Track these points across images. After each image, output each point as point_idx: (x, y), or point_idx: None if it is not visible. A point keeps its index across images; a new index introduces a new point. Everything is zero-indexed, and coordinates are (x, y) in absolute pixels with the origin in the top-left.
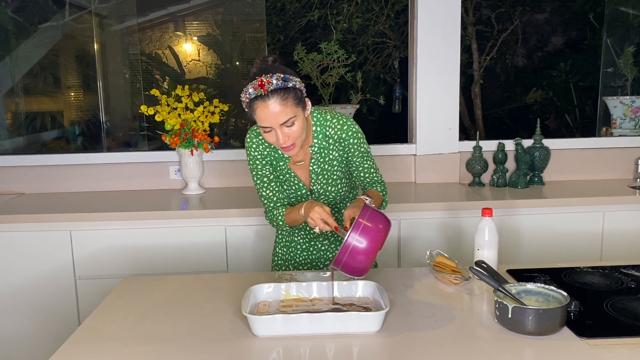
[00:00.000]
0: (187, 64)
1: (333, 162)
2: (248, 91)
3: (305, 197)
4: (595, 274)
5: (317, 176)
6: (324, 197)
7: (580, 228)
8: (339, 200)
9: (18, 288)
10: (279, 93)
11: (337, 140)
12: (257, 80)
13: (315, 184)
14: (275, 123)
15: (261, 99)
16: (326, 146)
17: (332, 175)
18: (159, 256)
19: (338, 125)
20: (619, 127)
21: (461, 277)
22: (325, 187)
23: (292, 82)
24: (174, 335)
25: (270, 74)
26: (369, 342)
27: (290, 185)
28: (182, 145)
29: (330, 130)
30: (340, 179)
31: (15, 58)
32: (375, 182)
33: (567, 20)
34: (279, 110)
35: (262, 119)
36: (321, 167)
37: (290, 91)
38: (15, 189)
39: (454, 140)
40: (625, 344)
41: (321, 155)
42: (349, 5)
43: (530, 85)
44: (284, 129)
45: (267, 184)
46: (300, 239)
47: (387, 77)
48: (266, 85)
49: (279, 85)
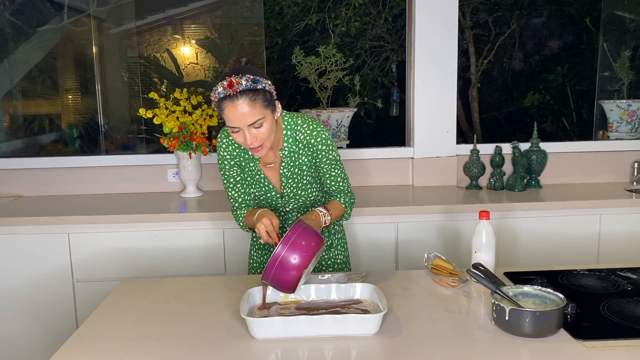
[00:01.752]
0: (185, 67)
1: (302, 166)
2: (217, 90)
3: (275, 199)
4: (592, 276)
5: (287, 179)
6: (294, 200)
7: (577, 231)
8: (309, 204)
9: (16, 291)
10: (247, 94)
11: (306, 145)
12: (227, 80)
13: (286, 187)
14: (243, 124)
15: (230, 99)
16: (296, 150)
17: (302, 180)
18: (157, 259)
19: (308, 130)
20: (615, 131)
21: (459, 280)
22: (296, 191)
23: (261, 84)
24: (173, 338)
25: (240, 74)
26: (367, 344)
27: (261, 187)
28: (180, 148)
29: (300, 135)
30: (311, 184)
31: (14, 61)
32: (340, 191)
33: (564, 24)
34: (247, 111)
35: (230, 119)
36: (291, 171)
37: (259, 93)
38: (13, 191)
39: (451, 143)
40: (622, 346)
41: (291, 159)
42: (347, 9)
43: (527, 89)
44: (251, 130)
45: (233, 184)
46: None
47: (385, 80)
48: (235, 86)
49: (248, 87)
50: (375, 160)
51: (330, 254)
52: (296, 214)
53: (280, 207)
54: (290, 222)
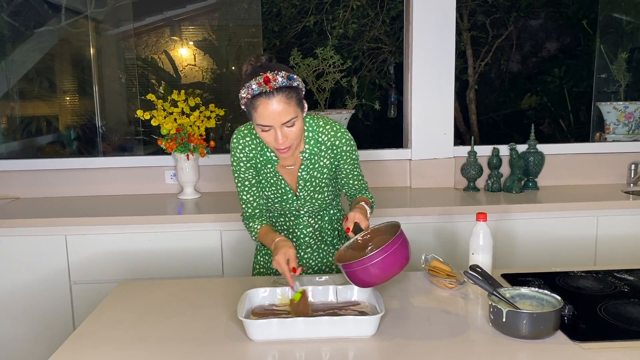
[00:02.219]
0: (183, 68)
1: (323, 169)
2: (251, 87)
3: (290, 202)
4: (589, 278)
5: (304, 182)
6: (309, 203)
7: (574, 232)
8: (323, 208)
9: (13, 293)
10: (284, 91)
11: (329, 147)
12: (262, 77)
13: (302, 191)
14: (277, 122)
15: (265, 95)
16: (317, 152)
17: (320, 183)
18: (154, 261)
19: (332, 132)
20: (612, 133)
21: (456, 282)
22: (312, 194)
23: (296, 82)
24: (170, 340)
25: (275, 71)
26: (364, 346)
27: (277, 189)
28: (177, 150)
29: (323, 137)
30: (327, 186)
31: (11, 62)
32: (363, 189)
33: (561, 26)
34: (282, 109)
35: (263, 116)
36: (310, 174)
37: (294, 90)
38: (10, 193)
39: (448, 145)
40: (618, 348)
41: (311, 161)
42: (345, 11)
43: (524, 91)
44: (284, 129)
45: (249, 187)
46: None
47: (383, 82)
48: (272, 82)
49: (285, 83)
50: (372, 161)
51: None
52: (309, 217)
53: (294, 210)
54: (302, 226)
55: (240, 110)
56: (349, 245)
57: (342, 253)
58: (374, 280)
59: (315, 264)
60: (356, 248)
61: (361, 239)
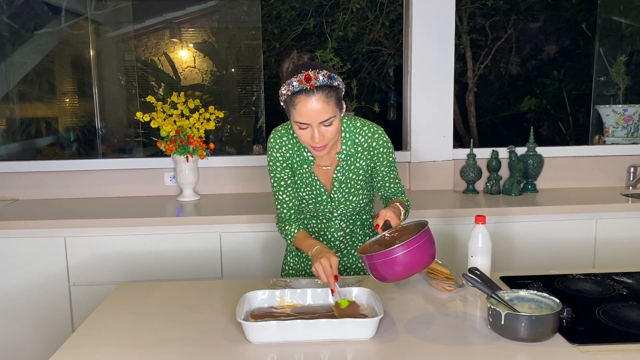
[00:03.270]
0: (182, 70)
1: (359, 170)
2: (292, 84)
3: (325, 204)
4: (588, 281)
5: (340, 184)
6: (343, 205)
7: (573, 235)
8: (357, 211)
9: (12, 294)
10: (324, 90)
11: (366, 149)
12: (303, 74)
13: (337, 192)
14: (315, 120)
15: (305, 93)
16: (354, 154)
17: (356, 185)
18: (153, 262)
19: (369, 133)
20: (611, 135)
21: (455, 284)
22: (347, 197)
23: (337, 82)
24: (169, 342)
25: (317, 69)
26: (363, 348)
27: (312, 190)
28: (177, 152)
29: (360, 138)
30: (363, 189)
31: (11, 64)
32: (400, 192)
33: (561, 29)
34: (320, 108)
35: (302, 114)
36: (345, 175)
37: (334, 90)
38: (10, 194)
39: (448, 147)
40: (617, 350)
41: (347, 163)
42: (345, 13)
43: (523, 94)
44: (321, 127)
45: (285, 188)
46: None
47: (382, 84)
48: (312, 80)
49: (325, 82)
50: None
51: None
52: (341, 220)
53: (328, 212)
54: (333, 229)
55: (240, 112)
56: (376, 240)
57: (367, 247)
58: (394, 275)
59: (345, 269)
60: (382, 244)
61: (388, 236)
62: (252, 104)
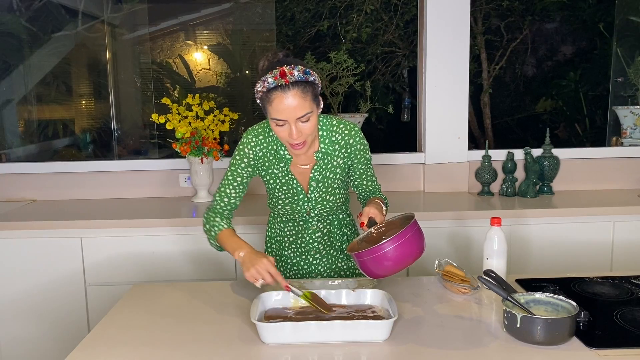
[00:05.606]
0: (197, 72)
1: (336, 169)
2: (267, 80)
3: (301, 203)
4: (605, 284)
5: (317, 183)
6: (320, 205)
7: (590, 238)
8: (334, 211)
9: (29, 294)
10: (299, 85)
11: (343, 146)
12: (278, 70)
13: (314, 192)
14: (291, 116)
15: (281, 89)
16: (331, 152)
17: (332, 184)
18: (168, 263)
19: (346, 130)
20: (629, 137)
21: (470, 287)
22: (324, 196)
23: (312, 77)
24: (184, 342)
25: (292, 65)
26: (377, 350)
27: (288, 189)
28: (192, 154)
29: (337, 136)
30: (339, 188)
31: (29, 67)
32: (377, 190)
33: (577, 29)
34: (297, 104)
35: (278, 110)
36: (323, 175)
37: (310, 85)
38: (27, 196)
39: (463, 149)
40: (635, 355)
41: (324, 162)
42: (359, 15)
43: (539, 95)
44: (298, 123)
45: (236, 185)
46: (290, 252)
47: (396, 86)
48: (288, 76)
49: (301, 78)
50: (386, 165)
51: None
52: (318, 221)
53: (305, 213)
54: (310, 231)
55: (254, 114)
56: (363, 238)
57: (356, 245)
58: (384, 270)
59: (324, 270)
60: (370, 241)
61: (375, 232)
62: None
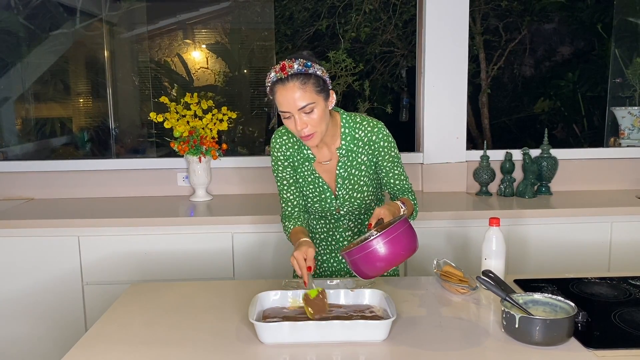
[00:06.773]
0: (195, 71)
1: (361, 166)
2: (270, 75)
3: (329, 201)
4: (603, 284)
5: (343, 180)
6: (348, 203)
7: (588, 238)
8: (363, 211)
9: (25, 293)
10: (298, 77)
11: (366, 143)
12: (279, 64)
13: (341, 189)
14: (293, 108)
15: (281, 82)
16: (354, 149)
17: (359, 181)
18: (166, 262)
19: (368, 127)
20: (627, 138)
21: (468, 287)
22: (351, 193)
23: (313, 69)
24: (181, 341)
25: (293, 59)
26: (375, 350)
27: (315, 187)
28: (190, 152)
29: (360, 133)
30: (367, 186)
31: (26, 65)
32: (405, 190)
33: (575, 30)
34: (297, 95)
35: (280, 102)
36: (348, 171)
37: (310, 77)
38: (24, 194)
39: (461, 149)
40: (633, 356)
41: (348, 158)
42: (357, 14)
43: (537, 95)
44: (302, 115)
45: (287, 187)
46: (321, 250)
47: (395, 86)
48: (287, 69)
49: (300, 70)
50: None
51: None
52: (349, 220)
53: (334, 211)
54: (341, 229)
55: (252, 113)
56: (360, 240)
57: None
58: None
59: None
60: None
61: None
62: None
